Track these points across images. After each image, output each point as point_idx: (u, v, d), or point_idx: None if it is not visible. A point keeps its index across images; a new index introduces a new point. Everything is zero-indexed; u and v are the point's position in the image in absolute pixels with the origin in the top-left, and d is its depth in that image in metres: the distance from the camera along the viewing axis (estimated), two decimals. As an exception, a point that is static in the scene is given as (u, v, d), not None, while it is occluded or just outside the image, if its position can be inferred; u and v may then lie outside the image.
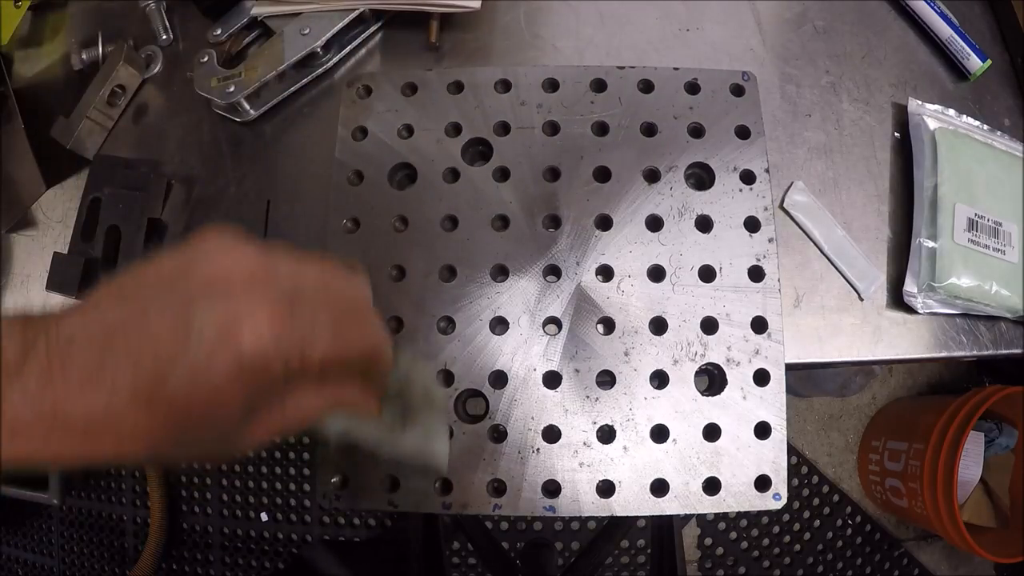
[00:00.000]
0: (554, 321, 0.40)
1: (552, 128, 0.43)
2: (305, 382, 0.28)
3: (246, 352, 0.24)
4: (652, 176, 0.42)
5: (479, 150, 0.44)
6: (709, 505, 0.37)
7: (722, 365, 0.39)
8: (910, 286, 0.45)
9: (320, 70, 0.50)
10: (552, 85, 0.44)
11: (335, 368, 0.28)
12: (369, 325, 0.29)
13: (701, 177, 0.43)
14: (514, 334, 0.40)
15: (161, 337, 0.24)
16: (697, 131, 0.43)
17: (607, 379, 0.39)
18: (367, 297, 0.30)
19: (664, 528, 0.62)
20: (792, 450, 1.29)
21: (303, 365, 0.26)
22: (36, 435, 0.24)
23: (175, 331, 0.24)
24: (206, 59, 0.48)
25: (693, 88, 0.43)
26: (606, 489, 0.38)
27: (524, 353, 0.40)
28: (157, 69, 0.53)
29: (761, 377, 0.39)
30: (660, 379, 0.39)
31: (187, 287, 0.26)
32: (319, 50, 0.49)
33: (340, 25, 0.48)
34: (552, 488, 0.38)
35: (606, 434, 0.39)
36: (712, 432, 0.38)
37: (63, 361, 0.24)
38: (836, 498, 1.29)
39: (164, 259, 0.28)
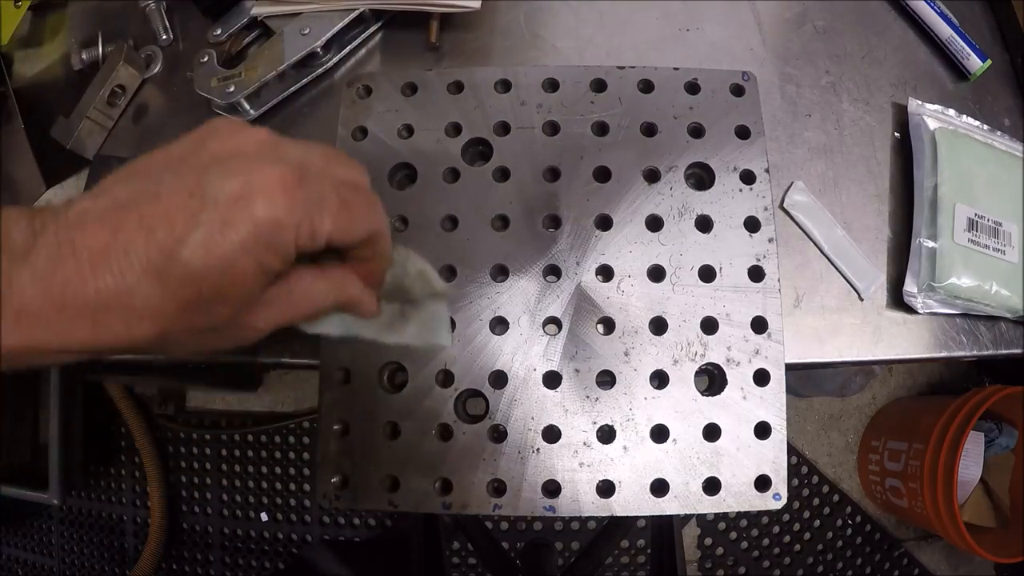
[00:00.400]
0: (554, 321, 0.40)
1: (552, 128, 0.43)
2: (311, 267, 0.29)
3: (259, 218, 0.24)
4: (652, 176, 0.42)
5: (479, 150, 0.44)
6: (709, 505, 0.37)
7: (722, 365, 0.39)
8: (910, 286, 0.45)
9: (320, 70, 0.50)
10: (552, 85, 0.44)
11: (341, 247, 0.28)
12: (373, 206, 0.30)
13: (701, 177, 0.43)
14: (514, 334, 0.40)
15: (174, 208, 0.24)
16: (697, 131, 0.43)
17: (607, 379, 0.39)
18: (368, 183, 0.31)
19: (664, 528, 0.62)
20: (792, 450, 1.29)
21: (312, 237, 0.26)
22: (44, 320, 0.24)
23: (188, 201, 0.24)
24: (206, 59, 0.48)
25: (693, 88, 0.43)
26: (606, 489, 0.38)
27: (524, 353, 0.40)
28: (157, 69, 0.53)
29: (761, 377, 0.39)
30: (660, 379, 0.39)
31: (198, 161, 0.26)
32: (319, 50, 0.49)
33: (340, 25, 0.48)
34: (552, 488, 0.38)
35: (606, 434, 0.39)
36: (712, 432, 0.38)
37: (73, 241, 0.24)
38: (836, 498, 1.29)
39: (173, 143, 0.28)
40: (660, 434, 0.38)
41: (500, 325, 0.40)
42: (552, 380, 0.39)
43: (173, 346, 0.28)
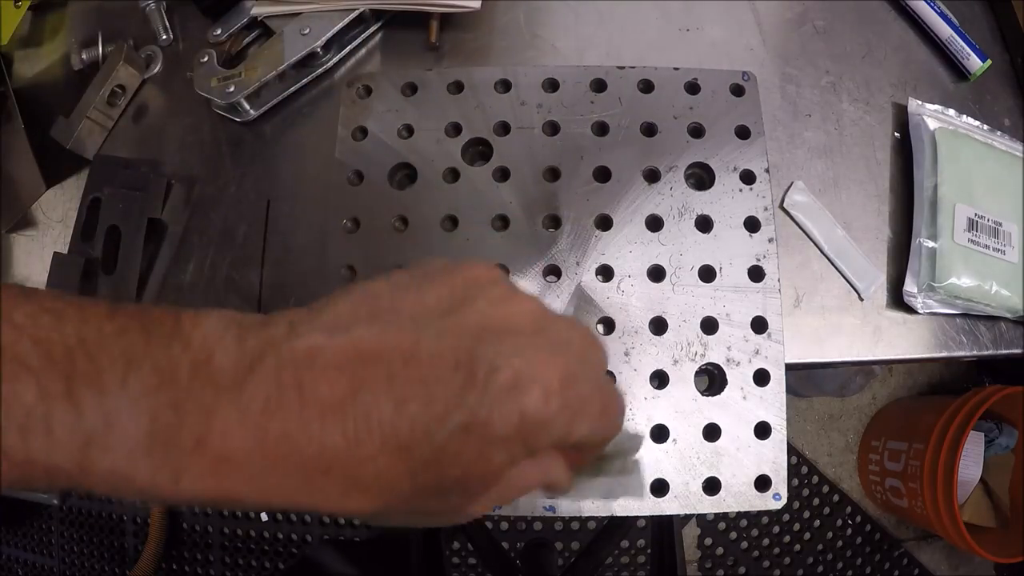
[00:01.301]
0: (554, 321, 0.40)
1: (552, 128, 0.43)
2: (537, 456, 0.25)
3: (528, 415, 0.21)
4: (652, 176, 0.42)
5: (479, 150, 0.44)
6: (709, 505, 0.37)
7: (722, 365, 0.39)
8: (910, 286, 0.45)
9: (320, 70, 0.50)
10: (552, 85, 0.44)
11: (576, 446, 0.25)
12: (622, 408, 0.27)
13: (701, 177, 0.43)
14: (514, 334, 0.40)
15: (434, 379, 0.21)
16: (697, 131, 0.43)
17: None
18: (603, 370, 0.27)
19: (664, 528, 0.62)
20: (792, 450, 1.29)
21: (565, 439, 0.23)
22: (247, 471, 0.20)
23: (453, 375, 0.21)
24: (206, 59, 0.48)
25: (693, 88, 0.43)
26: (606, 489, 0.38)
27: (524, 353, 0.39)
28: (157, 69, 0.53)
29: (761, 377, 0.39)
30: (660, 379, 0.39)
31: (464, 324, 0.22)
32: (319, 50, 0.49)
33: (340, 25, 0.48)
34: (552, 488, 0.38)
35: (606, 434, 0.39)
36: (712, 432, 0.38)
37: (300, 385, 0.20)
38: (836, 498, 1.29)
39: (425, 280, 0.24)
40: (660, 434, 0.38)
41: (500, 325, 0.40)
42: (552, 380, 0.39)
43: (381, 520, 0.24)
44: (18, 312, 0.20)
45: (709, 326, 0.40)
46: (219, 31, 0.50)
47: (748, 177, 0.42)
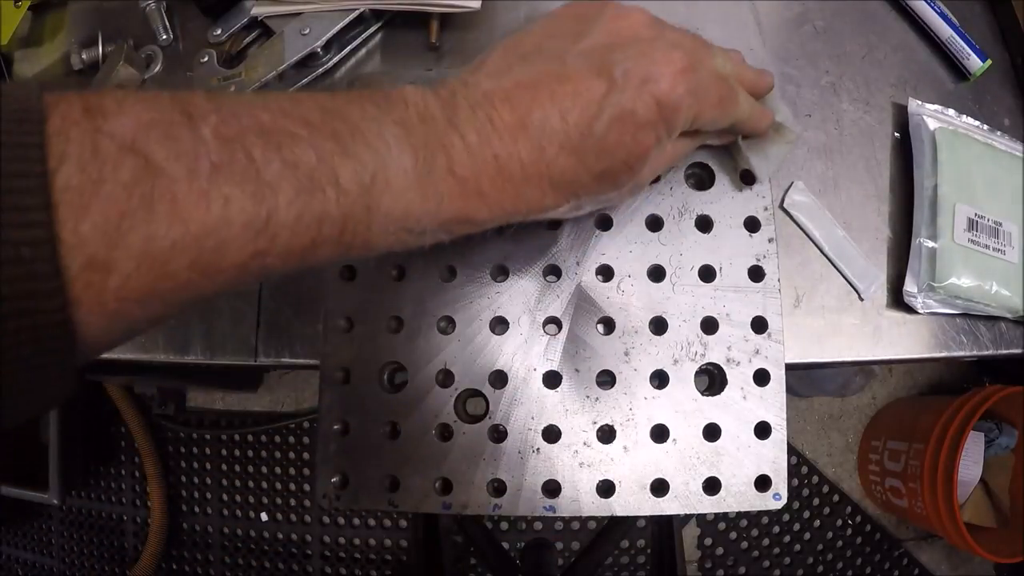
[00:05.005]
0: (554, 321, 0.40)
1: (552, 128, 0.43)
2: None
3: (663, 99, 0.27)
4: (652, 176, 0.42)
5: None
6: (709, 505, 0.37)
7: (722, 365, 0.39)
8: (910, 286, 0.45)
9: (320, 70, 0.50)
10: (552, 85, 0.44)
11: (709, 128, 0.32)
12: (740, 99, 0.33)
13: (701, 177, 0.43)
14: (514, 334, 0.40)
15: (583, 88, 0.26)
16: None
17: (607, 379, 0.39)
18: (723, 69, 0.32)
19: (664, 528, 0.62)
20: (792, 450, 1.29)
21: (695, 120, 0.29)
22: (477, 189, 0.25)
23: (596, 82, 0.26)
24: (206, 59, 0.48)
25: (693, 88, 0.43)
26: (606, 489, 0.38)
27: (524, 353, 0.40)
28: (157, 69, 0.53)
29: (761, 377, 0.39)
30: (660, 379, 0.39)
31: (596, 42, 0.28)
32: (319, 50, 0.49)
33: (340, 25, 0.48)
34: (552, 488, 0.38)
35: (606, 434, 0.39)
36: (712, 432, 0.38)
37: (491, 118, 0.25)
38: (836, 498, 1.29)
39: (548, 23, 0.29)
40: (660, 434, 0.38)
41: (500, 325, 0.40)
42: (552, 380, 0.39)
43: (575, 209, 0.30)
44: (258, 99, 0.23)
45: (709, 326, 0.40)
46: (219, 31, 0.50)
47: (748, 177, 0.42)
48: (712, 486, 0.38)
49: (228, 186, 0.20)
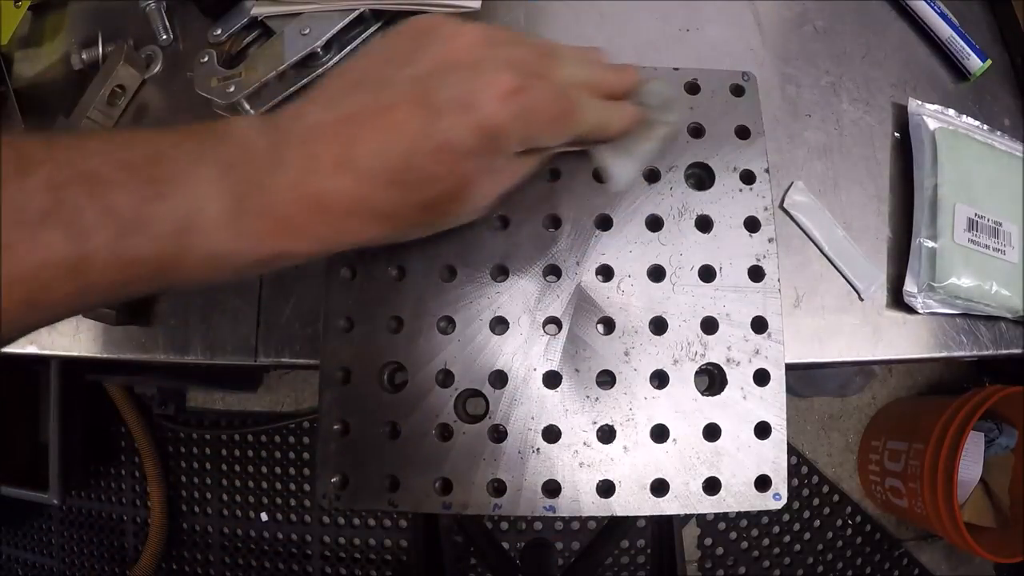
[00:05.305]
0: (554, 321, 0.40)
1: (552, 128, 0.43)
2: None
3: (484, 126, 0.26)
4: (652, 176, 0.42)
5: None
6: (709, 505, 0.37)
7: (722, 365, 0.39)
8: (910, 286, 0.45)
9: (320, 70, 0.50)
10: (552, 85, 0.44)
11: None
12: (588, 108, 0.31)
13: (701, 177, 0.43)
14: (514, 334, 0.40)
15: (403, 120, 0.26)
16: (697, 131, 0.43)
17: (607, 379, 0.39)
18: (570, 78, 0.31)
19: (664, 528, 0.62)
20: (792, 450, 1.29)
21: (529, 142, 0.29)
22: (298, 225, 0.26)
23: (417, 112, 0.26)
24: (206, 59, 0.48)
25: (693, 88, 0.43)
26: (606, 489, 0.38)
27: (524, 353, 0.40)
28: (157, 69, 0.53)
29: (761, 377, 0.39)
30: (660, 379, 0.39)
31: (420, 69, 0.27)
32: (319, 50, 0.49)
33: (340, 25, 0.48)
34: (552, 488, 0.38)
35: (606, 434, 0.39)
36: (712, 432, 0.38)
37: (316, 153, 0.26)
38: (836, 498, 1.29)
39: (386, 45, 0.29)
40: (660, 434, 0.38)
41: (500, 325, 0.40)
42: (552, 380, 0.39)
43: (402, 237, 0.31)
44: (92, 142, 0.24)
45: (709, 326, 0.40)
46: (219, 31, 0.50)
47: (748, 177, 0.42)
48: (712, 486, 0.38)
49: (52, 232, 0.22)
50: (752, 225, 0.41)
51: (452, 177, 0.27)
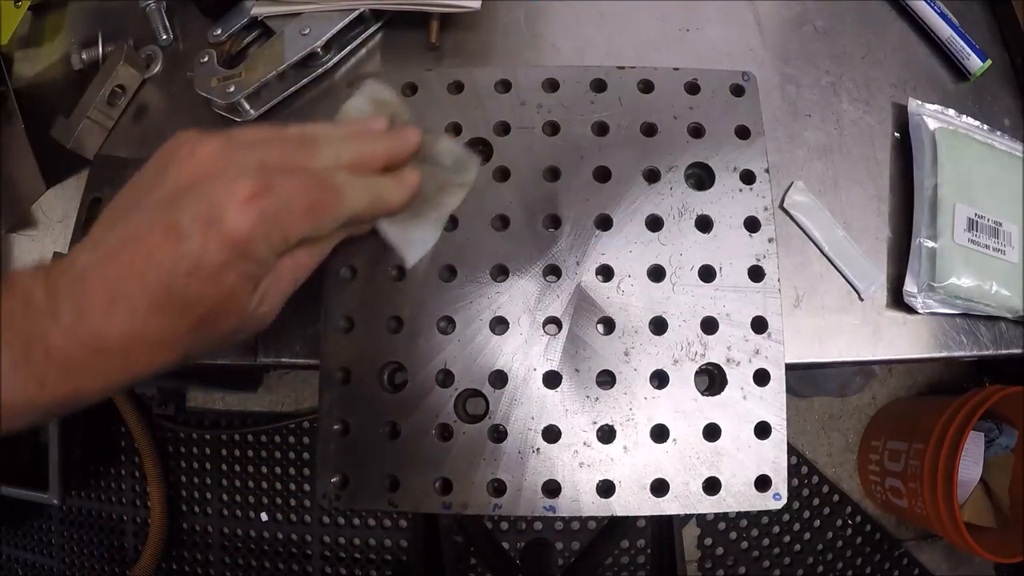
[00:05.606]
0: (554, 321, 0.40)
1: (552, 128, 0.43)
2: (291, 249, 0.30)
3: (230, 235, 0.26)
4: (652, 176, 0.42)
5: (479, 150, 0.44)
6: (709, 505, 0.37)
7: (722, 365, 0.39)
8: (910, 286, 0.45)
9: (320, 70, 0.50)
10: (552, 85, 0.44)
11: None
12: (344, 196, 0.31)
13: (701, 177, 0.43)
14: (514, 334, 0.40)
15: (155, 249, 0.26)
16: (697, 131, 0.43)
17: (607, 379, 0.39)
18: (331, 162, 0.31)
19: (664, 528, 0.62)
20: (792, 450, 1.29)
21: (285, 241, 0.28)
22: (85, 366, 0.26)
23: (166, 239, 0.26)
24: (206, 59, 0.48)
25: (693, 88, 0.43)
26: (606, 489, 0.38)
27: (524, 353, 0.40)
28: (157, 69, 0.53)
29: (761, 377, 0.39)
30: (660, 379, 0.39)
31: (165, 194, 0.28)
32: (319, 50, 0.49)
33: (340, 25, 0.48)
34: (552, 488, 0.38)
35: (606, 434, 0.39)
36: (712, 432, 0.38)
37: (86, 295, 0.26)
38: (836, 498, 1.29)
39: (140, 172, 0.30)
40: (660, 434, 0.38)
41: (500, 325, 0.40)
42: (552, 380, 0.39)
43: (197, 358, 0.30)
44: None
45: (709, 326, 0.40)
46: (219, 31, 0.50)
47: (748, 177, 0.42)
48: (712, 486, 0.38)
49: None
50: (752, 225, 0.41)
51: (215, 295, 0.27)
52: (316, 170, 0.30)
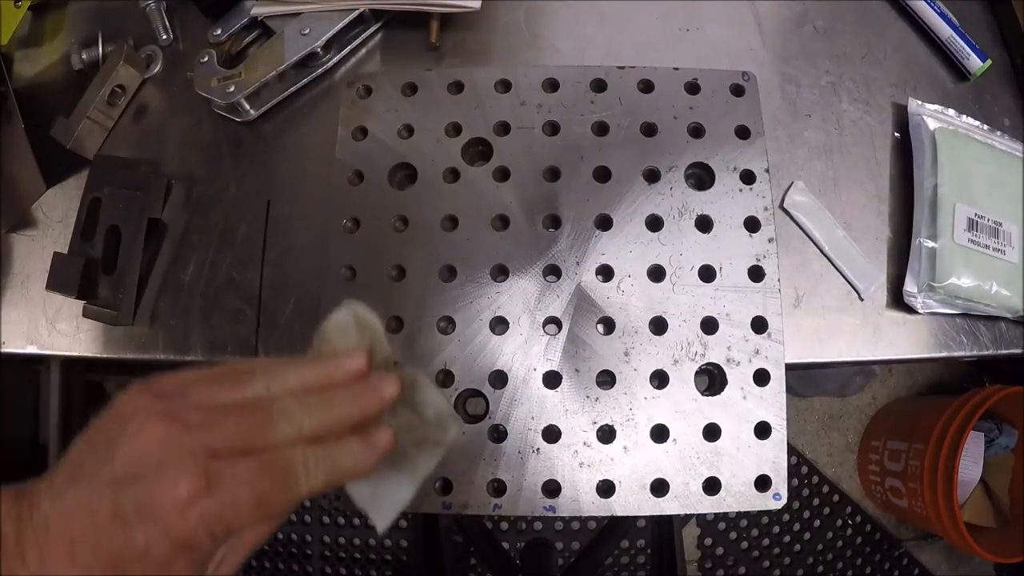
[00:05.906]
0: (554, 321, 0.40)
1: (552, 128, 0.43)
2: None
3: (171, 532, 0.26)
4: (652, 176, 0.42)
5: (479, 150, 0.44)
6: (709, 505, 0.37)
7: (722, 365, 0.39)
8: (910, 286, 0.45)
9: (320, 70, 0.50)
10: (552, 85, 0.44)
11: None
12: (292, 482, 0.28)
13: (701, 177, 0.43)
14: (514, 334, 0.40)
15: (105, 526, 0.26)
16: (697, 131, 0.43)
17: (607, 379, 0.39)
18: (292, 434, 0.29)
19: (664, 528, 0.62)
20: (792, 450, 1.29)
21: (228, 533, 0.27)
22: None
23: (114, 522, 0.26)
24: (206, 59, 0.48)
25: (693, 88, 0.43)
26: (606, 489, 0.38)
27: (524, 353, 0.40)
28: (157, 69, 0.53)
29: (761, 377, 0.39)
30: (660, 379, 0.39)
31: (113, 473, 0.27)
32: (319, 50, 0.49)
33: (340, 25, 0.48)
34: (552, 488, 0.38)
35: (606, 434, 0.39)
36: (712, 432, 0.38)
37: (47, 543, 0.27)
38: (836, 498, 1.29)
39: (94, 430, 0.29)
40: (660, 434, 0.38)
41: (500, 325, 0.40)
42: (552, 380, 0.39)
43: None
44: None
45: (709, 326, 0.40)
46: (219, 31, 0.50)
47: (748, 177, 0.42)
48: (712, 486, 0.38)
49: None
50: (752, 225, 0.41)
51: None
52: (270, 450, 0.28)
